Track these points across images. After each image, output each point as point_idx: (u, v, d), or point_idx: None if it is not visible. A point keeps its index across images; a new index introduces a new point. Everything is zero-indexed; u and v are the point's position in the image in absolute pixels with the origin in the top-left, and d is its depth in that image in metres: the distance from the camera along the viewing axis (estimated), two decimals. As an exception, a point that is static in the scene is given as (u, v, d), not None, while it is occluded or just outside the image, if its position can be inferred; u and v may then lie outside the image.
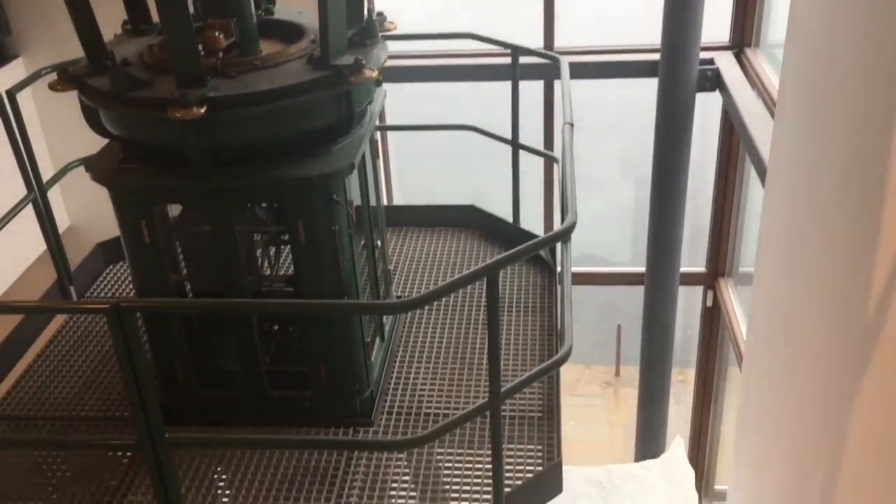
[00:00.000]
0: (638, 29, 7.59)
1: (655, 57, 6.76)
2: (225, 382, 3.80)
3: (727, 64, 6.77)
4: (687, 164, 7.01)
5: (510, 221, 5.12)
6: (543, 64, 5.08)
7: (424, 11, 11.40)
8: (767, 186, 4.62)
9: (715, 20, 6.83)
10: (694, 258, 8.35)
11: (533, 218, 6.55)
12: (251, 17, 3.41)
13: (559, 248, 3.48)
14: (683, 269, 7.52)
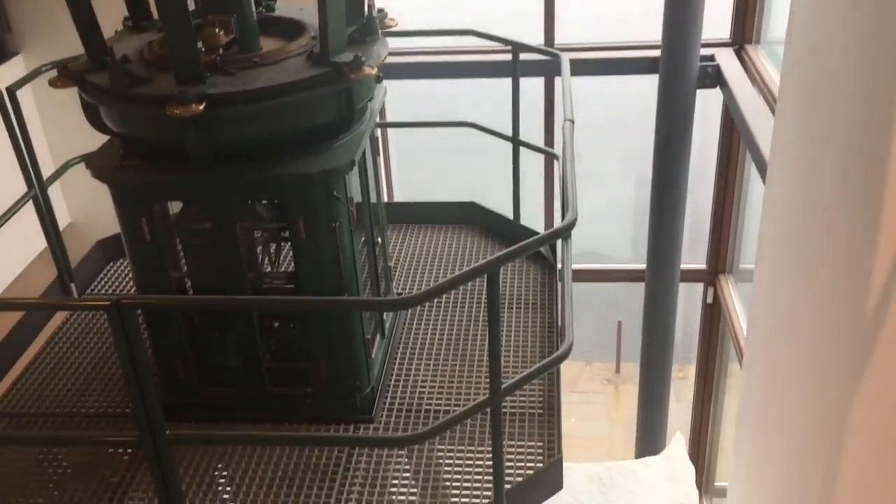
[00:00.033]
0: (638, 25, 7.58)
1: (656, 53, 6.75)
2: (225, 379, 3.80)
3: (728, 60, 6.75)
4: (687, 160, 7.00)
5: (511, 218, 5.11)
6: (544, 60, 5.05)
7: (425, 8, 11.38)
8: (768, 183, 4.61)
9: (715, 16, 6.81)
10: (694, 255, 8.33)
11: (533, 215, 6.55)
12: (251, 13, 3.40)
13: (560, 244, 3.48)
14: (684, 265, 7.50)
